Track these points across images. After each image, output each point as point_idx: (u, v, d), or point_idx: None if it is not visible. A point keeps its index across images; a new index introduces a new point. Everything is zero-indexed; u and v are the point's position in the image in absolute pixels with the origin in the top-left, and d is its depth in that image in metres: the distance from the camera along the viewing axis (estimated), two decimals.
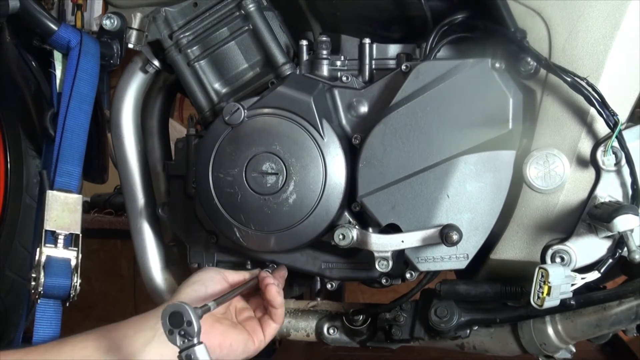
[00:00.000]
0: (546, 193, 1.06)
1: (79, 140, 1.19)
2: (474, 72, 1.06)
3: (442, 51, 1.14)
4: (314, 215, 1.09)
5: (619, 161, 1.02)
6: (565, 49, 1.04)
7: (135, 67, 1.25)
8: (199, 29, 1.18)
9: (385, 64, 1.17)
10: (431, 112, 1.06)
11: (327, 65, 1.16)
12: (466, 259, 1.08)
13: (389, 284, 1.19)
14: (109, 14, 1.23)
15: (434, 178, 1.06)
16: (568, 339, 1.13)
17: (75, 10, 1.26)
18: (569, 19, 1.04)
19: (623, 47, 1.03)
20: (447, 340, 1.19)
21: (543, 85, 1.05)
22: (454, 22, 1.11)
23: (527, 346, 1.15)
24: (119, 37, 1.24)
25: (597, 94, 1.00)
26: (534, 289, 0.98)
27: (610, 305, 1.08)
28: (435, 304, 1.14)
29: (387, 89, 1.12)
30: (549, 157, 1.05)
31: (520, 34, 1.04)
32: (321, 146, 1.09)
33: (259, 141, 1.10)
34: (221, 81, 1.20)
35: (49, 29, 1.20)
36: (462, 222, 1.06)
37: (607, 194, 1.04)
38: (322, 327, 1.24)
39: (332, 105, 1.14)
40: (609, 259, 1.01)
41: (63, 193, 1.17)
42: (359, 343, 1.24)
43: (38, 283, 1.12)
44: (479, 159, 1.06)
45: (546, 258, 1.05)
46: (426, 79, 1.07)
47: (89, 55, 1.21)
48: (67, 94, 1.19)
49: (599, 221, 1.00)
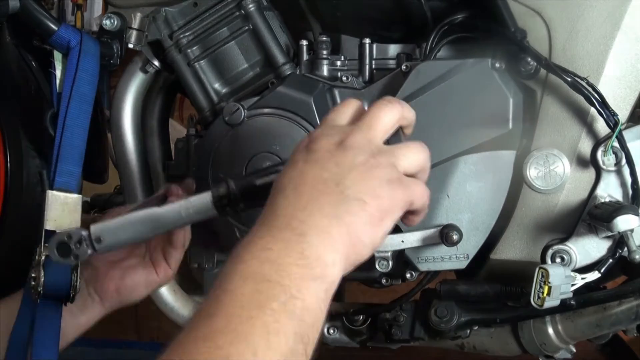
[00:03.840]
0: (546, 193, 1.06)
1: (79, 140, 1.19)
2: (474, 72, 1.06)
3: (442, 51, 1.14)
4: None
5: (619, 161, 1.02)
6: (565, 49, 1.04)
7: (135, 67, 1.25)
8: (199, 29, 1.18)
9: (385, 64, 1.17)
10: (431, 112, 1.06)
11: (327, 65, 1.16)
12: (466, 259, 1.08)
13: (389, 284, 1.19)
14: (109, 14, 1.23)
15: (434, 178, 1.06)
16: (568, 339, 1.13)
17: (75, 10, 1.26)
18: (569, 19, 1.04)
19: (623, 47, 1.03)
20: (447, 340, 1.19)
21: (543, 85, 1.05)
22: (454, 22, 1.11)
23: (527, 346, 1.15)
24: (119, 37, 1.24)
25: (597, 94, 1.00)
26: (534, 289, 0.97)
27: (611, 305, 1.08)
28: (435, 304, 1.14)
29: (387, 89, 1.12)
30: (549, 157, 1.05)
31: (520, 34, 1.04)
32: None
33: (259, 141, 1.10)
34: (221, 81, 1.20)
35: (49, 29, 1.20)
36: (462, 222, 1.06)
37: (607, 194, 1.04)
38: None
39: (332, 105, 1.14)
40: (609, 259, 1.01)
41: (63, 193, 1.17)
42: (359, 343, 1.24)
43: (38, 283, 1.12)
44: (479, 159, 1.06)
45: (546, 258, 1.05)
46: (426, 79, 1.07)
47: (89, 55, 1.21)
48: (67, 94, 1.19)
49: (599, 221, 1.00)
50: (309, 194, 0.63)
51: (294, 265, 0.58)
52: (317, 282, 0.59)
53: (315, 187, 0.63)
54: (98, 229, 0.82)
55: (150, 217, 0.81)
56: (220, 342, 0.53)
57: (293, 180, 0.65)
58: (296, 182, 0.65)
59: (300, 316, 0.57)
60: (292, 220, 0.61)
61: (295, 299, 0.57)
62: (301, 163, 0.66)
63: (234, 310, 0.55)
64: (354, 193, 0.63)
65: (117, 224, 0.82)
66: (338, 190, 0.63)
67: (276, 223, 0.62)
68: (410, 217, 0.74)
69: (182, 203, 0.80)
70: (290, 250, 0.59)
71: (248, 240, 0.62)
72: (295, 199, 0.63)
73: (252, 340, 0.54)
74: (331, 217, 0.62)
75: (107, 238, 0.82)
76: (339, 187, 0.63)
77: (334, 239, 0.61)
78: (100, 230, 0.82)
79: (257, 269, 0.58)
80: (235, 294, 0.56)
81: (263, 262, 0.58)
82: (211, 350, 0.53)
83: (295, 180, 0.65)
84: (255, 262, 0.58)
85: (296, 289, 0.57)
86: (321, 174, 0.64)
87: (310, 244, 0.60)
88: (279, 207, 0.63)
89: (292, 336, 0.56)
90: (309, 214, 0.62)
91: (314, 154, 0.66)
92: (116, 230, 0.82)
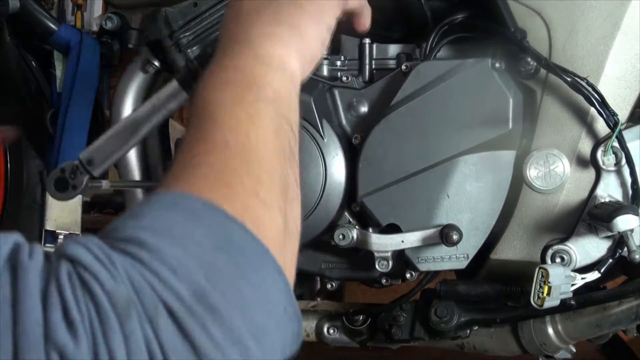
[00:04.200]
0: (546, 193, 1.06)
1: (79, 140, 1.19)
2: (474, 72, 1.06)
3: (442, 51, 1.14)
4: (314, 215, 1.09)
5: (619, 161, 1.02)
6: (565, 49, 1.04)
7: (135, 67, 1.25)
8: (199, 29, 1.18)
9: (385, 64, 1.17)
10: (431, 112, 1.06)
11: (327, 65, 1.16)
12: (466, 259, 1.08)
13: (389, 284, 1.19)
14: (109, 14, 1.23)
15: (434, 178, 1.06)
16: (568, 339, 1.13)
17: (75, 10, 1.26)
18: (569, 19, 1.04)
19: (623, 47, 1.03)
20: (447, 340, 1.19)
21: (543, 85, 1.05)
22: (454, 22, 1.11)
23: (527, 346, 1.15)
24: (119, 37, 1.24)
25: (597, 94, 1.00)
26: (534, 289, 0.97)
27: (611, 305, 1.08)
28: (435, 304, 1.14)
29: (387, 88, 1.11)
30: (549, 157, 1.05)
31: (520, 34, 1.04)
32: (321, 146, 1.09)
33: None
34: None
35: (49, 29, 1.21)
36: (462, 222, 1.06)
37: (607, 194, 1.04)
38: (322, 327, 1.24)
39: (332, 105, 1.14)
40: (609, 259, 1.01)
41: None
42: (359, 343, 1.24)
43: None
44: (479, 159, 1.06)
45: (546, 258, 1.05)
46: (426, 79, 1.07)
47: (89, 55, 1.21)
48: (67, 94, 1.19)
49: (599, 221, 1.00)
50: (247, 14, 0.69)
51: (253, 67, 0.64)
52: (279, 73, 0.65)
53: (254, 7, 0.70)
54: (86, 153, 0.84)
55: (128, 122, 0.83)
56: (214, 137, 0.57)
57: (234, 10, 0.71)
58: (236, 11, 0.70)
59: (274, 99, 0.62)
60: (239, 38, 0.67)
61: (265, 88, 0.62)
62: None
63: (217, 110, 0.59)
64: (288, 0, 0.70)
65: (100, 142, 0.84)
66: (275, 3, 0.70)
67: (227, 46, 0.67)
68: (355, 21, 0.84)
69: (151, 99, 0.82)
70: (245, 57, 0.65)
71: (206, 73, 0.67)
72: (237, 25, 0.69)
73: (242, 126, 0.58)
74: (273, 23, 0.68)
75: (97, 158, 0.83)
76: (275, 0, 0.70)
77: (281, 37, 0.68)
78: (89, 153, 0.84)
79: (223, 79, 0.63)
80: (214, 100, 0.60)
81: (227, 72, 0.64)
82: (208, 148, 0.56)
83: (236, 9, 0.71)
84: (221, 75, 0.64)
85: (262, 81, 0.63)
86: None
87: (260, 46, 0.66)
88: (224, 37, 0.69)
89: (274, 116, 0.61)
90: (250, 26, 0.68)
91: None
92: (102, 147, 0.84)
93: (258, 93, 0.61)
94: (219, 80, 0.63)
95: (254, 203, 0.53)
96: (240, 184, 0.54)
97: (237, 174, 0.54)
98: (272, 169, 0.57)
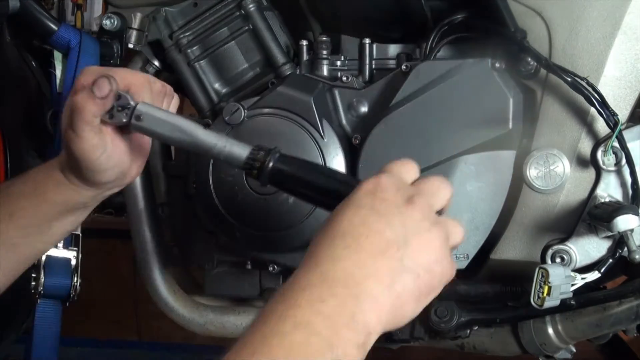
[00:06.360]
0: (546, 193, 1.06)
1: None
2: (474, 72, 1.06)
3: (442, 51, 1.14)
4: (314, 215, 1.09)
5: (619, 161, 1.02)
6: (565, 49, 1.04)
7: (135, 67, 1.25)
8: (199, 29, 1.18)
9: (385, 64, 1.17)
10: (431, 112, 1.06)
11: (327, 65, 1.16)
12: (466, 259, 1.08)
13: None
14: (109, 14, 1.23)
15: None
16: (568, 339, 1.13)
17: (75, 10, 1.26)
18: (569, 19, 1.04)
19: (623, 47, 1.03)
20: (447, 340, 1.19)
21: (543, 85, 1.05)
22: (454, 22, 1.11)
23: (527, 346, 1.15)
24: (119, 37, 1.24)
25: (597, 94, 1.00)
26: (534, 289, 0.98)
27: (611, 305, 1.08)
28: (435, 304, 1.14)
29: (387, 89, 1.12)
30: (549, 157, 1.05)
31: (520, 34, 1.04)
32: (321, 146, 1.09)
33: (259, 141, 1.08)
34: (221, 81, 1.20)
35: (49, 29, 1.20)
36: (462, 222, 1.05)
37: (607, 194, 1.04)
38: None
39: (332, 105, 1.14)
40: (609, 259, 1.01)
41: None
42: None
43: (38, 283, 1.12)
44: (479, 159, 1.06)
45: (546, 258, 1.05)
46: (426, 79, 1.07)
47: (89, 55, 1.21)
48: (67, 94, 1.19)
49: (599, 221, 1.00)
50: (370, 251, 0.63)
51: (344, 328, 0.59)
52: (360, 349, 0.60)
53: (377, 246, 0.63)
54: (144, 109, 0.78)
55: (189, 130, 0.78)
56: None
57: (355, 228, 0.64)
58: (359, 231, 0.64)
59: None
60: (349, 279, 0.61)
61: (337, 350, 0.58)
62: (366, 210, 0.65)
63: (280, 355, 0.56)
64: (411, 264, 0.64)
65: (162, 116, 0.79)
66: (398, 256, 0.63)
67: (333, 274, 0.62)
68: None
69: (222, 139, 0.77)
70: (343, 310, 0.60)
71: (301, 280, 0.62)
72: (355, 253, 0.63)
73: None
74: (385, 286, 0.62)
75: (145, 121, 0.78)
76: (399, 252, 0.63)
77: (383, 310, 0.62)
78: (146, 110, 0.78)
79: (310, 318, 0.59)
80: (286, 340, 0.57)
81: (317, 314, 0.59)
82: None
83: (358, 229, 0.64)
84: (309, 312, 0.59)
85: (342, 351, 0.58)
86: (385, 231, 0.64)
87: (362, 310, 0.60)
88: (337, 257, 0.63)
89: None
90: (365, 275, 0.62)
91: (381, 203, 0.65)
92: (158, 120, 0.78)
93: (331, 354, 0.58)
94: (304, 317, 0.58)
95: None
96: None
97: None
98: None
